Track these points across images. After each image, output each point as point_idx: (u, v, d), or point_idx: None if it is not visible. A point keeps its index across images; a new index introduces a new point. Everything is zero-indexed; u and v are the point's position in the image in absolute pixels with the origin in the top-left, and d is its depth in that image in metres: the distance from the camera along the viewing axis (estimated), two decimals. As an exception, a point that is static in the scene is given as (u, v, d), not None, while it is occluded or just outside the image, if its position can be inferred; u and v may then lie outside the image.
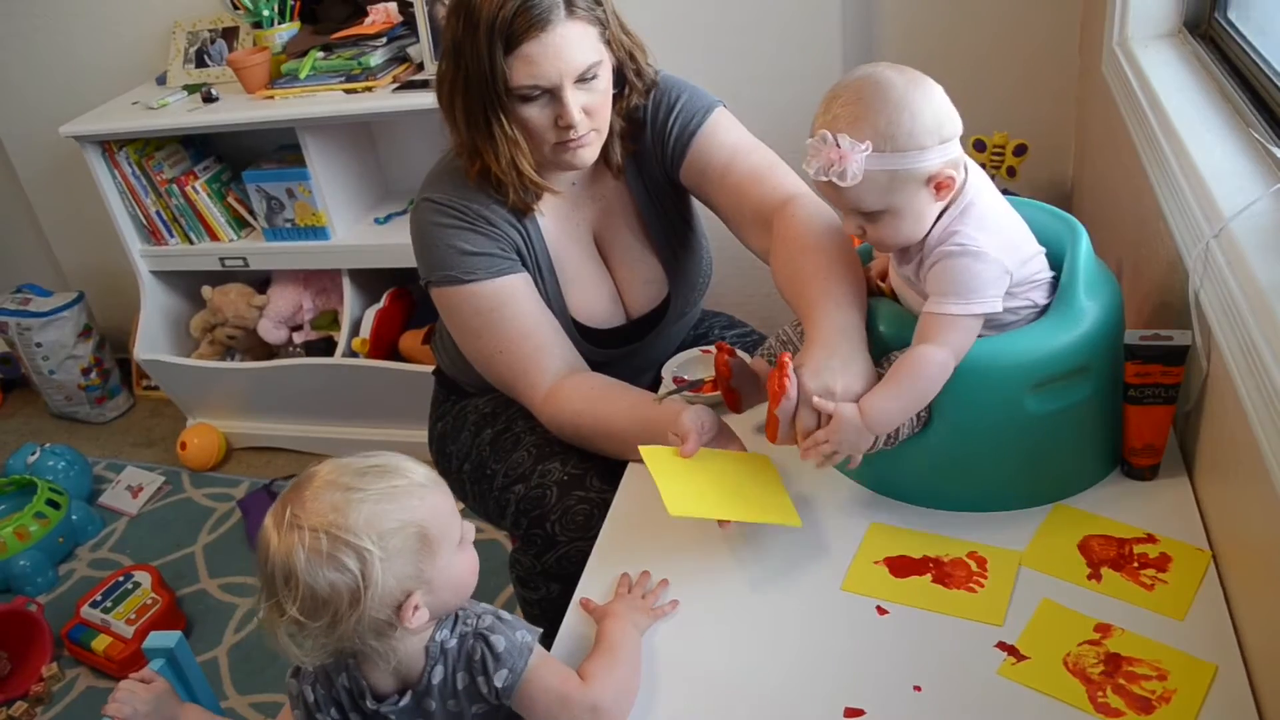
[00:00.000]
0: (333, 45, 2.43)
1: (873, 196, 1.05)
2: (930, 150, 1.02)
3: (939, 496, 1.18)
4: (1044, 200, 1.26)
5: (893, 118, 1.01)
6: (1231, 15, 1.47)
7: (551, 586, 1.44)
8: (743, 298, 2.42)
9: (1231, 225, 1.00)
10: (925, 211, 1.06)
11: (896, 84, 1.02)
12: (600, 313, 1.50)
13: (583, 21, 1.26)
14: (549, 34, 1.24)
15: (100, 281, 3.19)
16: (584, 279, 1.48)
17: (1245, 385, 0.91)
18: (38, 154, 3.03)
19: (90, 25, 2.78)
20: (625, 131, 1.42)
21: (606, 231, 1.50)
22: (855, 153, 1.01)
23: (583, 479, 1.40)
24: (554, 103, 1.28)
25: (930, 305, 1.06)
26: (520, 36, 1.23)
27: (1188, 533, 1.09)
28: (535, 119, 1.30)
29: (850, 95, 1.03)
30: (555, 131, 1.31)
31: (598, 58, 1.29)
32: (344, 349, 2.56)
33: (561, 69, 1.25)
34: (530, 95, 1.28)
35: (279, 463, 2.83)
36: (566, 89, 1.27)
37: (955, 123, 1.04)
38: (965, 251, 1.05)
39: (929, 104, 1.02)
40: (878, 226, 1.08)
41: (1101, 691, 0.93)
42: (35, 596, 2.43)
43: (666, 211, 1.50)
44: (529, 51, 1.24)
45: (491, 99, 1.28)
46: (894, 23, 2.20)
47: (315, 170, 2.39)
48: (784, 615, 1.08)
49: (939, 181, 1.04)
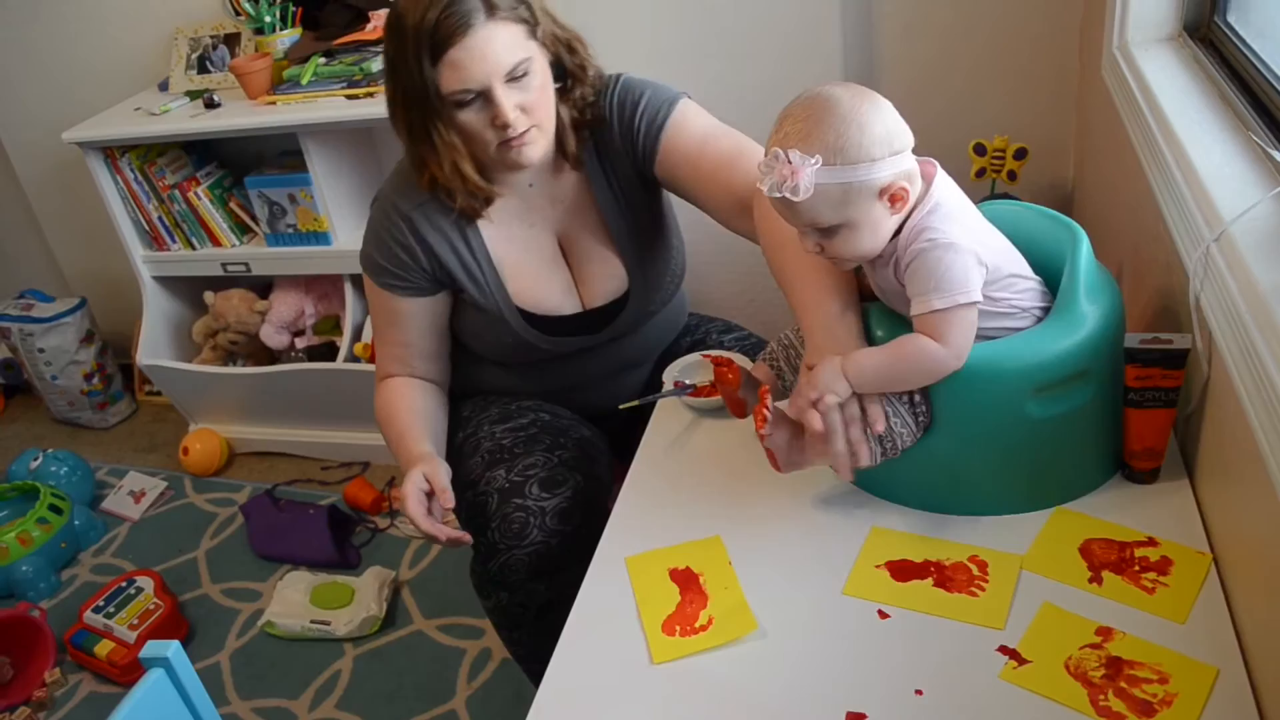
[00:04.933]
0: (334, 51, 2.43)
1: (827, 211, 1.05)
2: (881, 162, 1.03)
3: (940, 500, 1.18)
4: (1044, 204, 1.26)
5: (841, 131, 1.02)
6: (1231, 19, 1.47)
7: (501, 594, 1.46)
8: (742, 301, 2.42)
9: (1232, 229, 1.01)
10: (881, 224, 1.07)
11: (843, 99, 1.03)
12: (549, 301, 1.53)
13: (505, 21, 1.28)
14: (470, 38, 1.26)
15: (102, 287, 3.19)
16: (531, 272, 1.51)
17: (1246, 388, 0.91)
18: (40, 160, 3.04)
19: (93, 31, 2.79)
20: (577, 122, 1.44)
21: (569, 230, 1.52)
22: (805, 167, 1.01)
23: (522, 487, 1.44)
24: (488, 104, 1.30)
25: (916, 306, 1.07)
26: (444, 43, 1.26)
27: (1189, 536, 1.09)
28: (472, 122, 1.32)
29: (800, 113, 1.04)
30: (494, 132, 1.33)
31: (525, 54, 1.30)
32: (346, 354, 2.56)
33: (488, 70, 1.27)
34: (464, 100, 1.30)
35: (281, 468, 2.83)
36: (497, 89, 1.29)
37: (905, 136, 1.05)
38: (936, 245, 1.05)
39: (877, 116, 1.03)
40: (834, 242, 1.08)
41: (1103, 695, 0.93)
42: (38, 602, 2.43)
43: (633, 208, 1.51)
44: (454, 57, 1.26)
45: (427, 109, 1.32)
46: (894, 28, 2.20)
47: (317, 175, 2.40)
48: (785, 619, 1.08)
49: (892, 193, 1.05)
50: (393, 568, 2.33)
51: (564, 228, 1.52)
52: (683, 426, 1.43)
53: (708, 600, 1.12)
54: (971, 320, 1.06)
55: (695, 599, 1.13)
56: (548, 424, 1.57)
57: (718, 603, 1.12)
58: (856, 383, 1.09)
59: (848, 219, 1.06)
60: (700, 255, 1.91)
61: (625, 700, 1.03)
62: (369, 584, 2.24)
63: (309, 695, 2.07)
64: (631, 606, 1.14)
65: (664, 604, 1.13)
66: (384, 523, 2.52)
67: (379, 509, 2.56)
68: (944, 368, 1.06)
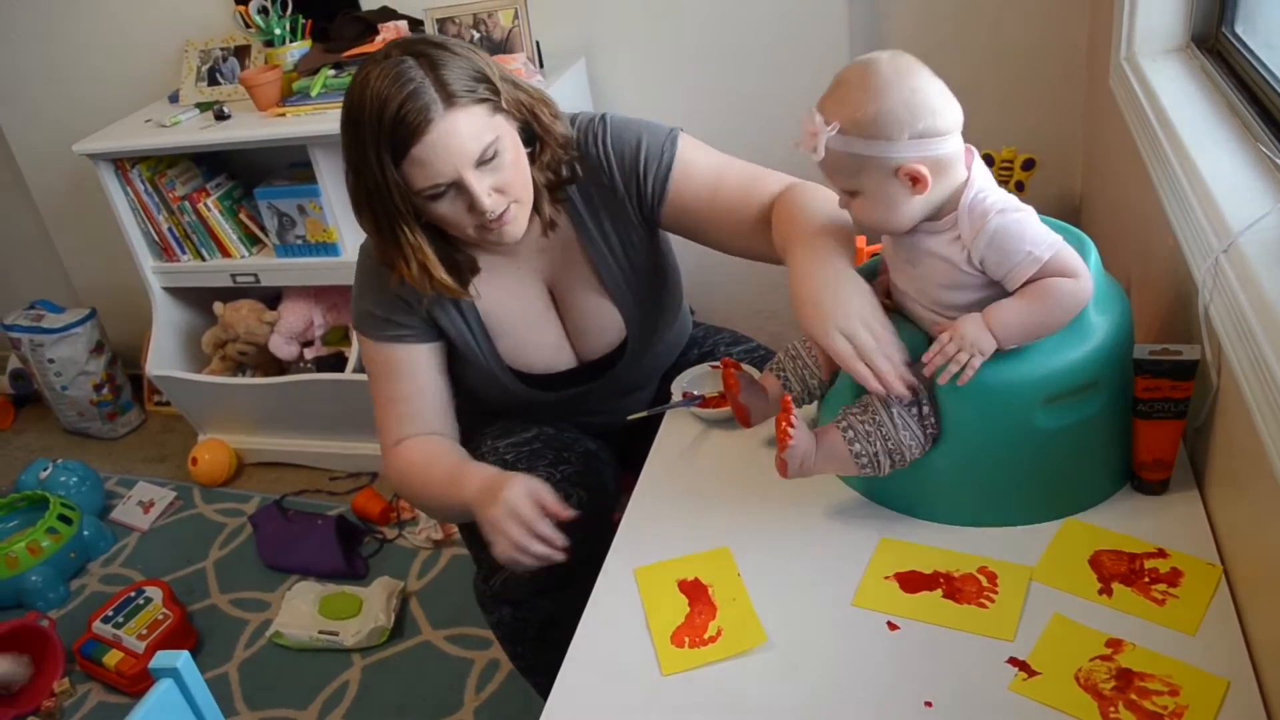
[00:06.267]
0: (344, 63, 2.44)
1: (841, 176, 1.07)
2: (897, 143, 1.02)
3: (949, 511, 1.18)
4: (1052, 215, 1.25)
5: (863, 105, 1.02)
6: (1239, 30, 1.47)
7: (503, 610, 1.45)
8: (749, 312, 2.42)
9: (1240, 240, 1.01)
10: (898, 201, 1.06)
11: (883, 74, 1.02)
12: (541, 361, 1.49)
13: (465, 107, 1.22)
14: (432, 133, 1.19)
15: (112, 297, 3.21)
16: (520, 331, 1.47)
17: (1255, 400, 0.91)
18: (51, 171, 3.06)
19: (103, 44, 2.82)
20: (551, 184, 1.38)
21: (559, 280, 1.47)
22: (824, 131, 1.03)
23: None
24: (462, 192, 1.25)
25: (1021, 272, 1.04)
26: (406, 143, 1.20)
27: (1199, 547, 1.09)
28: (449, 213, 1.27)
29: (845, 77, 1.05)
30: (472, 217, 1.27)
31: (492, 136, 1.24)
32: (354, 364, 2.57)
33: (455, 162, 1.22)
34: (436, 193, 1.24)
35: (289, 478, 2.84)
36: (468, 177, 1.23)
37: (941, 120, 1.03)
38: (1008, 210, 1.05)
39: (905, 97, 1.02)
40: (854, 205, 1.10)
41: (1113, 707, 0.92)
42: (47, 612, 2.44)
43: (628, 254, 1.46)
44: (418, 155, 1.20)
45: (393, 208, 1.26)
46: (900, 39, 2.21)
47: (326, 187, 2.41)
48: (795, 631, 1.08)
49: (911, 174, 1.04)
50: (401, 578, 2.34)
51: (553, 276, 1.47)
52: (691, 438, 1.43)
53: (717, 612, 1.12)
54: (1073, 251, 1.05)
55: (704, 610, 1.13)
56: (551, 438, 1.55)
57: (727, 614, 1.12)
58: (1002, 335, 1.06)
59: (861, 188, 1.07)
60: (709, 267, 1.92)
61: (634, 712, 1.03)
62: (377, 594, 2.24)
63: (317, 706, 2.07)
64: (640, 618, 1.14)
65: (673, 615, 1.13)
66: (392, 533, 2.52)
67: (387, 519, 2.56)
68: (1084, 297, 1.05)
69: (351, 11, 2.54)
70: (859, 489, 1.25)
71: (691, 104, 2.36)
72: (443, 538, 2.44)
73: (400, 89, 1.19)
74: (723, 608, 1.12)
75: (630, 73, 2.42)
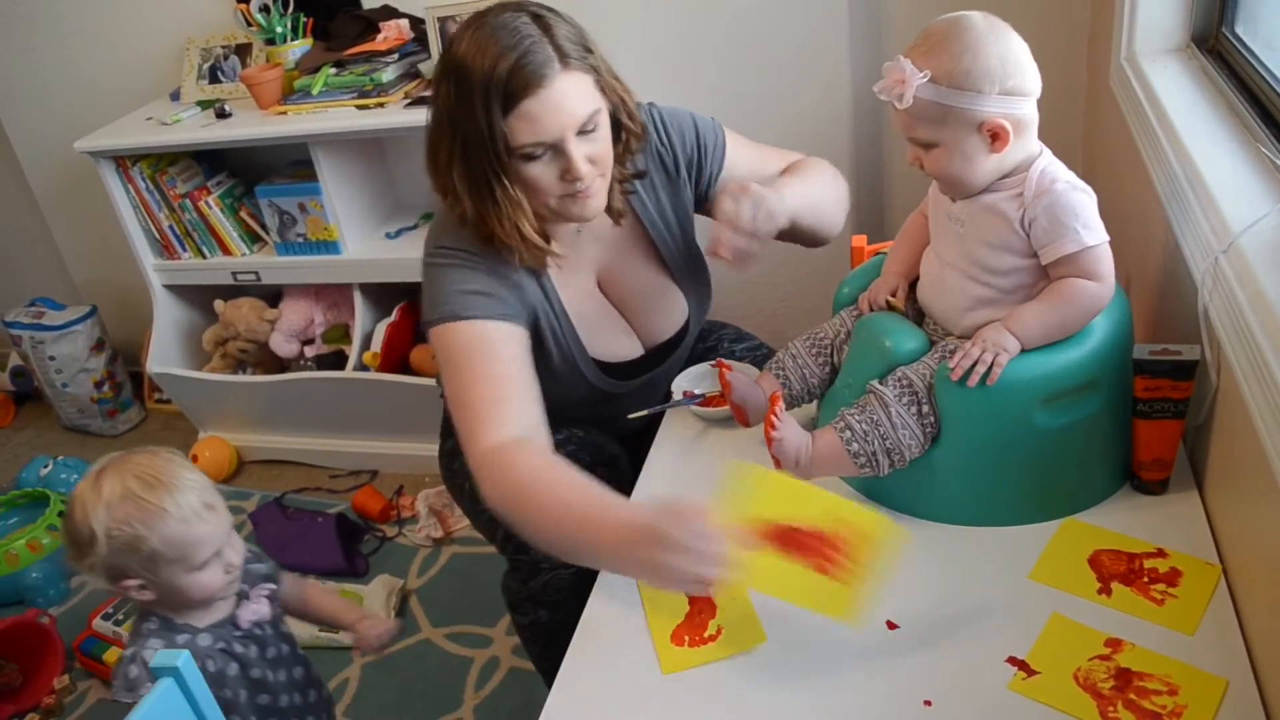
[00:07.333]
0: (345, 62, 2.45)
1: (924, 127, 1.08)
2: (986, 96, 1.04)
3: (949, 511, 1.18)
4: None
5: (957, 56, 1.04)
6: (1239, 30, 1.47)
7: (540, 612, 1.44)
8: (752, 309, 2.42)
9: (1240, 240, 1.01)
10: (976, 156, 1.08)
11: (976, 28, 1.05)
12: (617, 348, 1.49)
13: (578, 71, 1.22)
14: (547, 89, 1.19)
15: (113, 295, 3.21)
16: (598, 321, 1.47)
17: (1255, 400, 0.91)
18: (52, 169, 3.06)
19: (105, 42, 2.81)
20: (622, 175, 1.38)
21: (613, 268, 1.47)
22: (914, 79, 1.05)
23: None
24: (558, 157, 1.24)
25: (1063, 247, 1.07)
26: (518, 95, 1.19)
27: (1198, 547, 1.09)
28: (541, 176, 1.25)
29: (935, 29, 1.07)
30: (561, 185, 1.26)
31: (596, 106, 1.25)
32: (355, 363, 2.57)
33: (564, 122, 1.22)
34: (534, 154, 1.23)
35: (290, 476, 2.84)
36: (570, 141, 1.23)
37: (1023, 78, 1.06)
38: (1075, 187, 1.08)
39: (1000, 51, 1.04)
40: (929, 157, 1.11)
41: (1112, 706, 0.93)
42: (47, 609, 2.44)
43: (685, 237, 1.50)
44: (529, 109, 1.20)
45: (493, 162, 1.24)
46: (901, 38, 2.20)
47: (327, 185, 2.41)
48: (794, 630, 1.08)
49: (993, 130, 1.06)
50: (401, 576, 2.34)
51: (606, 265, 1.47)
52: (691, 437, 1.43)
53: (717, 610, 1.12)
54: (1110, 258, 1.08)
55: (704, 609, 1.13)
56: (583, 440, 1.52)
57: (727, 613, 1.12)
58: (1024, 336, 1.09)
59: (942, 139, 1.08)
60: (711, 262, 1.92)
61: (634, 710, 1.03)
62: (377, 592, 2.24)
63: (317, 703, 2.07)
64: (640, 617, 1.14)
65: (673, 614, 1.13)
66: (392, 531, 2.52)
67: (387, 517, 2.56)
68: (1102, 302, 1.09)
69: (352, 10, 2.54)
70: (859, 488, 1.26)
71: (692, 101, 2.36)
72: (442, 535, 2.44)
73: (519, 41, 1.19)
74: (723, 607, 1.13)
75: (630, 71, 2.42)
